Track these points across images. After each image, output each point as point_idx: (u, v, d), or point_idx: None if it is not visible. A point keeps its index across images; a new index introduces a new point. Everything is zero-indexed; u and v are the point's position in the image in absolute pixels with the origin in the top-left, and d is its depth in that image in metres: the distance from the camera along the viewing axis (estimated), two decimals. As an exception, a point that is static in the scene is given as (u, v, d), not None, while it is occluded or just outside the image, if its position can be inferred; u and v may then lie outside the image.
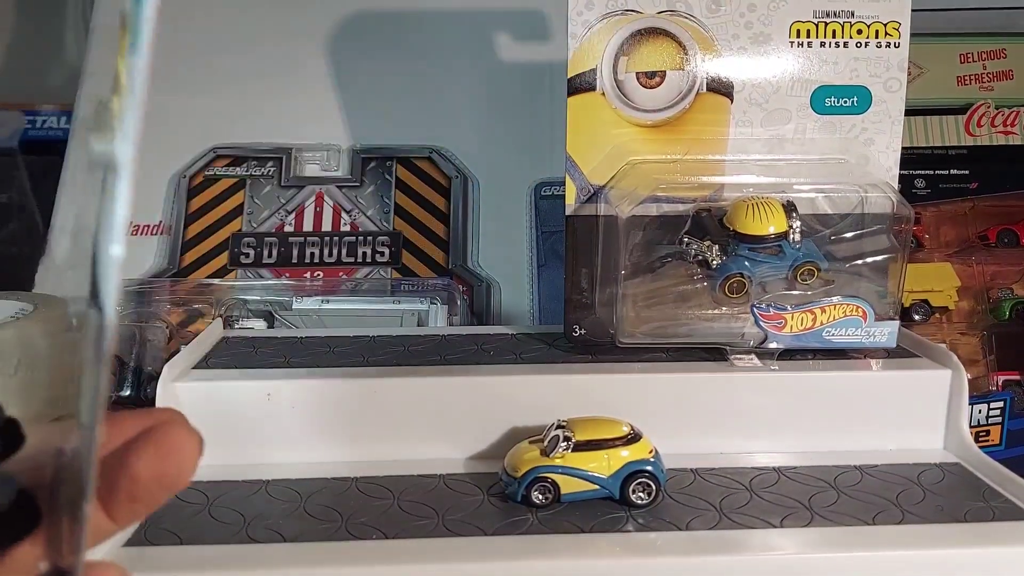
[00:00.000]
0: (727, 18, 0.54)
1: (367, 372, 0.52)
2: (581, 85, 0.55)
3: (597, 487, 0.45)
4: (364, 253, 0.82)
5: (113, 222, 0.16)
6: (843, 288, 0.54)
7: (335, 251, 0.82)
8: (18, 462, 0.18)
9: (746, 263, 0.53)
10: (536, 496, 0.45)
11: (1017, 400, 0.68)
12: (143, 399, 0.68)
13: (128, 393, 0.69)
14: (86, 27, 0.93)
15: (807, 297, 0.53)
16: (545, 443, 0.45)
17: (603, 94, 0.55)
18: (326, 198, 0.84)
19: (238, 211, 0.80)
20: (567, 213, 0.56)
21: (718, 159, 0.56)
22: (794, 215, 0.53)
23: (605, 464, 0.45)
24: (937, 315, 0.75)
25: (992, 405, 0.64)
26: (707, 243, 0.53)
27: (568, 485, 0.45)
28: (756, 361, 0.53)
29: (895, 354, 0.55)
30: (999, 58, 0.80)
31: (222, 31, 0.86)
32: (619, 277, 0.54)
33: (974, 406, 0.64)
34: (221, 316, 0.74)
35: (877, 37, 0.55)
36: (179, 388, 0.50)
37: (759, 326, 0.53)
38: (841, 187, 0.55)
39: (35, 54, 1.03)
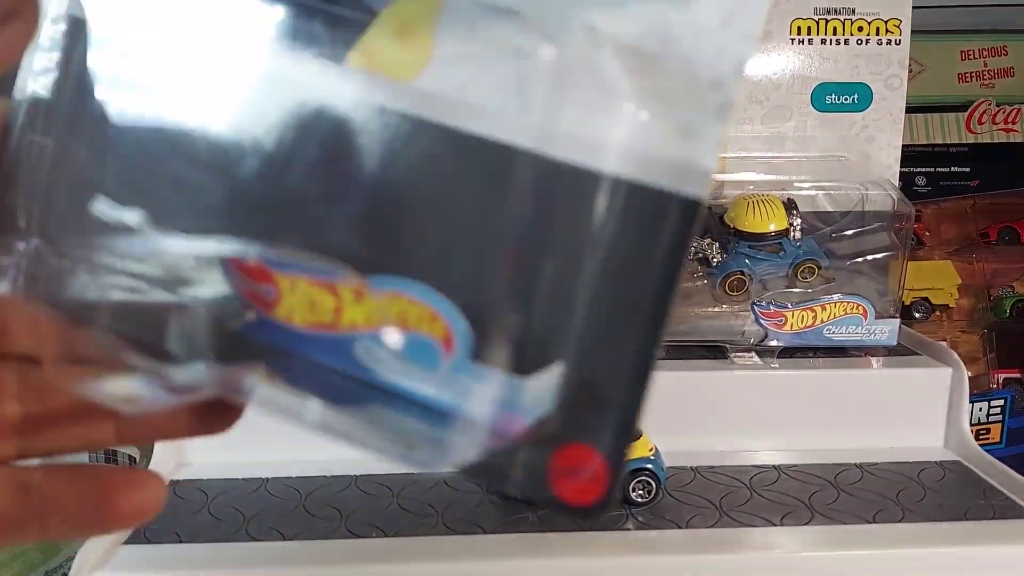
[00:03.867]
0: (728, 15, 0.54)
1: (367, 370, 0.51)
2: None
3: (597, 485, 0.45)
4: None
5: None
6: (844, 286, 0.54)
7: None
8: None
9: (746, 261, 0.52)
10: (536, 494, 0.44)
11: (1018, 398, 0.68)
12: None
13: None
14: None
15: (808, 295, 0.53)
16: (545, 441, 0.45)
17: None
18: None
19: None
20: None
21: (718, 156, 0.55)
22: (794, 213, 0.53)
23: (605, 462, 0.44)
24: (938, 313, 0.75)
25: (993, 403, 0.64)
26: (707, 241, 0.53)
27: (568, 483, 0.44)
28: (756, 359, 0.53)
29: (895, 352, 0.54)
30: (1000, 55, 0.80)
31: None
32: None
33: (975, 404, 0.63)
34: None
35: (878, 34, 0.55)
36: (178, 386, 0.49)
37: (759, 324, 0.53)
38: (842, 185, 0.55)
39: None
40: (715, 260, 0.53)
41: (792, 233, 0.52)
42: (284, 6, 0.17)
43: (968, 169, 0.80)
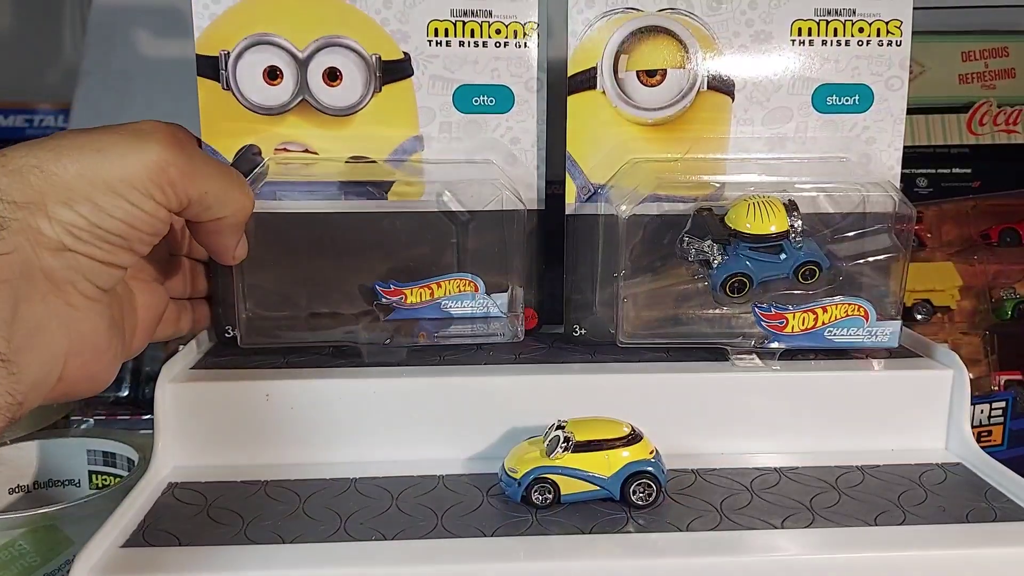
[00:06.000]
0: (728, 16, 0.54)
1: (367, 372, 0.51)
2: (581, 83, 0.54)
3: (597, 488, 0.45)
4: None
5: None
6: (845, 288, 0.54)
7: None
8: None
9: (747, 263, 0.52)
10: (536, 497, 0.44)
11: (1019, 400, 0.68)
12: (141, 399, 0.68)
13: (126, 394, 0.69)
14: (83, 26, 0.93)
15: (809, 297, 0.53)
16: (545, 443, 0.45)
17: (603, 92, 0.54)
18: (325, 197, 0.84)
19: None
20: (567, 212, 0.55)
21: (719, 158, 0.55)
22: (795, 214, 0.53)
23: (605, 465, 0.44)
24: (939, 314, 0.75)
25: (994, 405, 0.64)
26: (708, 242, 0.53)
27: (568, 486, 0.44)
28: (757, 361, 0.53)
29: (897, 354, 0.54)
30: (1001, 56, 0.80)
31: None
32: (619, 276, 0.53)
33: (976, 406, 0.63)
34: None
35: (879, 35, 0.55)
36: (177, 389, 0.49)
37: (760, 326, 0.53)
38: (843, 186, 0.55)
39: (33, 53, 1.03)
40: (716, 262, 0.53)
41: (793, 235, 0.52)
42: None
43: (969, 170, 0.80)
